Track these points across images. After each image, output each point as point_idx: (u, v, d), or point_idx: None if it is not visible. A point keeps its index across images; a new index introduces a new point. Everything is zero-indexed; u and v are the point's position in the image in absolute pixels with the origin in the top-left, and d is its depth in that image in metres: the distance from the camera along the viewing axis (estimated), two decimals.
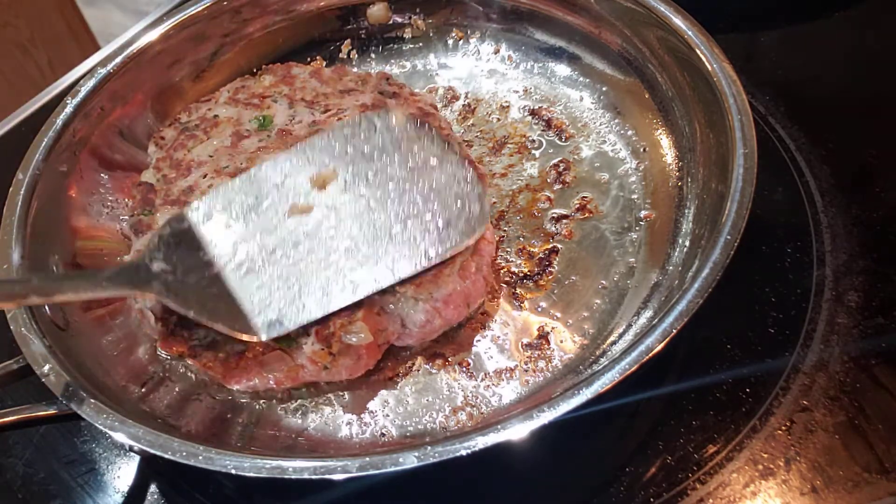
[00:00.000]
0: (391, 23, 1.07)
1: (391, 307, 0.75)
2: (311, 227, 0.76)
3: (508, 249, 0.85)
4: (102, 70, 0.92)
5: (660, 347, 0.62)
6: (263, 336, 0.71)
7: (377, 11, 1.06)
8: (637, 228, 0.85)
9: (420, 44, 1.07)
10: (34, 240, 0.79)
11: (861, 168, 0.92)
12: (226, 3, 0.99)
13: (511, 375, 0.76)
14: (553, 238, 0.86)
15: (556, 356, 0.77)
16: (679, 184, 0.86)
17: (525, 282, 0.83)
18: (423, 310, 0.75)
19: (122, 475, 0.78)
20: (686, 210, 0.83)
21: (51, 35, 1.99)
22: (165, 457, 0.61)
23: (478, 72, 1.04)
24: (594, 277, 0.82)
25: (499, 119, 0.99)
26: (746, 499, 0.68)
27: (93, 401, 0.65)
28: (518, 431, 0.59)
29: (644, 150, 0.91)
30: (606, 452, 0.74)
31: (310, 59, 1.06)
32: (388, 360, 0.78)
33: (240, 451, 0.61)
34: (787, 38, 1.08)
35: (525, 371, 0.76)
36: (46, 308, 0.73)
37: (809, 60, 1.05)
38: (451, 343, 0.79)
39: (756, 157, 0.73)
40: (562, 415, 0.59)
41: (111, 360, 0.76)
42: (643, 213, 0.86)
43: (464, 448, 0.59)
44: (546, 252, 0.85)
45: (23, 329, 0.70)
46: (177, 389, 0.78)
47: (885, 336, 0.77)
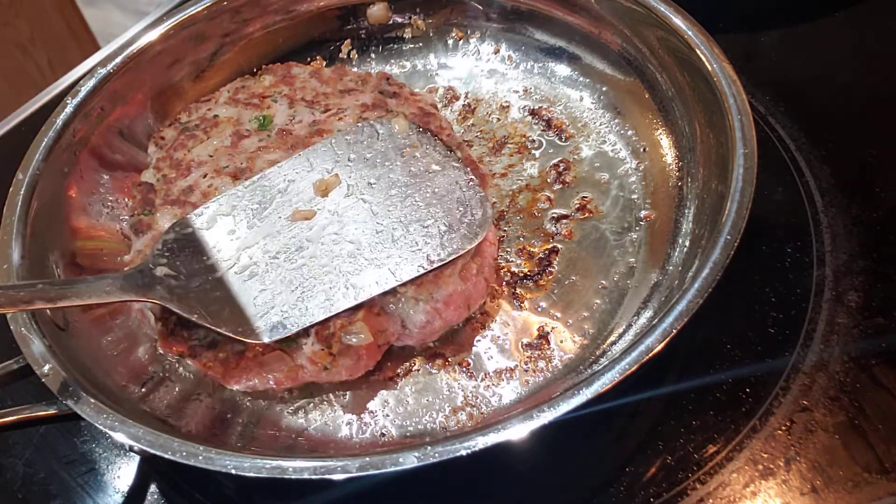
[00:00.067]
0: (391, 23, 1.07)
1: (391, 308, 0.75)
2: (314, 232, 0.77)
3: (508, 249, 0.85)
4: (102, 70, 0.92)
5: (660, 347, 0.62)
6: (266, 339, 0.72)
7: (377, 11, 1.06)
8: (637, 228, 0.85)
9: (420, 44, 1.07)
10: (34, 240, 0.79)
11: (861, 168, 0.92)
12: (226, 3, 0.99)
13: (511, 375, 0.76)
14: (553, 238, 0.86)
15: (556, 356, 0.77)
16: (679, 184, 0.85)
17: (525, 282, 0.83)
18: (424, 310, 0.75)
19: (122, 475, 0.78)
20: (686, 210, 0.83)
21: (51, 35, 1.99)
22: (165, 457, 0.61)
23: (478, 72, 1.04)
24: (594, 277, 0.82)
25: (499, 119, 0.99)
26: (746, 499, 0.68)
27: (93, 401, 0.65)
28: (518, 431, 0.59)
29: (644, 150, 0.91)
30: (606, 452, 0.74)
31: (310, 59, 1.06)
32: (388, 361, 0.78)
33: (240, 451, 0.61)
34: (787, 38, 1.08)
35: (525, 371, 0.76)
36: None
37: (809, 60, 1.05)
38: (451, 343, 0.79)
39: (756, 157, 0.73)
40: (562, 415, 0.59)
41: (111, 360, 0.77)
42: (643, 213, 0.86)
43: (464, 448, 0.59)
44: (546, 252, 0.85)
45: (23, 329, 0.70)
46: (177, 389, 0.78)
47: (885, 336, 0.77)
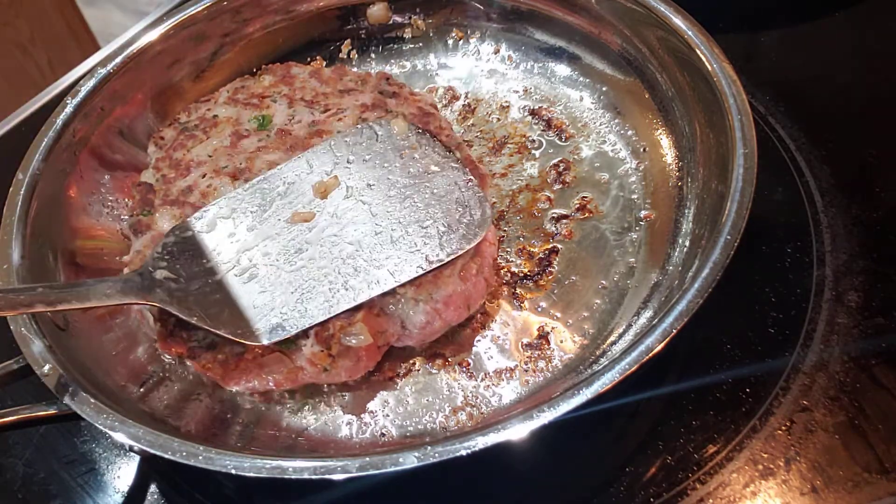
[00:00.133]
0: (391, 23, 1.07)
1: (391, 309, 0.75)
2: (314, 234, 0.77)
3: (508, 249, 0.85)
4: (102, 70, 0.92)
5: (660, 347, 0.62)
6: (265, 341, 0.72)
7: (377, 11, 1.06)
8: (637, 228, 0.85)
9: (420, 44, 1.07)
10: (34, 240, 0.79)
11: (861, 168, 0.92)
12: (226, 3, 0.99)
13: (511, 375, 0.76)
14: (553, 238, 0.86)
15: (556, 356, 0.77)
16: (679, 184, 0.85)
17: (525, 282, 0.83)
18: (424, 311, 0.75)
19: (122, 475, 0.78)
20: (686, 210, 0.83)
21: (51, 35, 1.99)
22: (165, 457, 0.61)
23: (478, 72, 1.04)
24: (594, 277, 0.82)
25: (499, 119, 0.99)
26: (746, 499, 0.68)
27: (93, 401, 0.65)
28: (518, 431, 0.59)
29: (644, 150, 0.91)
30: (606, 452, 0.74)
31: (310, 59, 1.06)
32: (388, 361, 0.78)
33: (240, 451, 0.61)
34: (787, 38, 1.08)
35: (525, 371, 0.76)
36: None
37: (809, 60, 1.05)
38: (452, 343, 0.79)
39: (756, 157, 0.73)
40: (562, 415, 0.59)
41: (111, 360, 0.76)
42: (643, 213, 0.86)
43: (464, 448, 0.59)
44: (546, 252, 0.85)
45: (23, 329, 0.70)
46: (176, 389, 0.78)
47: (885, 336, 0.77)
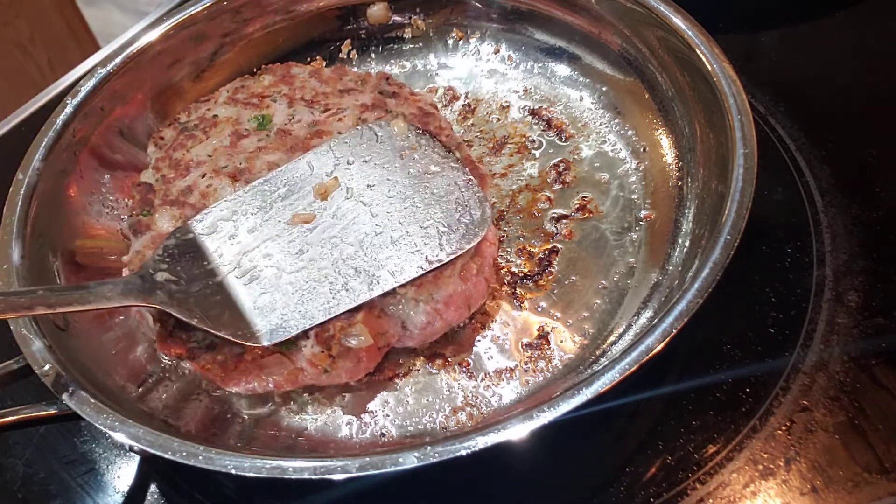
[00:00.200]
0: (391, 23, 1.07)
1: (392, 309, 0.75)
2: (314, 235, 0.77)
3: (508, 249, 0.85)
4: (102, 70, 0.92)
5: (660, 347, 0.62)
6: (265, 342, 0.72)
7: (377, 11, 1.06)
8: (637, 228, 0.85)
9: (420, 44, 1.07)
10: (34, 240, 0.79)
11: (861, 168, 0.92)
12: (226, 3, 0.99)
13: (511, 375, 0.76)
14: (553, 238, 0.86)
15: (556, 356, 0.77)
16: (679, 184, 0.85)
17: (525, 282, 0.83)
18: (424, 311, 0.74)
19: (122, 475, 0.78)
20: (686, 210, 0.82)
21: (51, 35, 1.99)
22: (165, 457, 0.61)
23: (478, 72, 1.04)
24: (594, 277, 0.82)
25: (499, 119, 0.99)
26: (746, 499, 0.68)
27: (93, 401, 0.65)
28: (518, 431, 0.59)
29: (644, 150, 0.91)
30: (606, 452, 0.74)
31: (310, 59, 1.06)
32: (388, 361, 0.78)
33: (240, 451, 0.61)
34: (787, 38, 1.08)
35: (525, 371, 0.76)
36: None
37: (809, 60, 1.05)
38: (452, 343, 0.79)
39: (756, 157, 0.73)
40: (562, 415, 0.59)
41: (111, 360, 0.76)
42: (643, 213, 0.86)
43: (464, 448, 0.59)
44: (546, 252, 0.85)
45: (23, 329, 0.70)
46: (176, 389, 0.78)
47: (885, 336, 0.77)
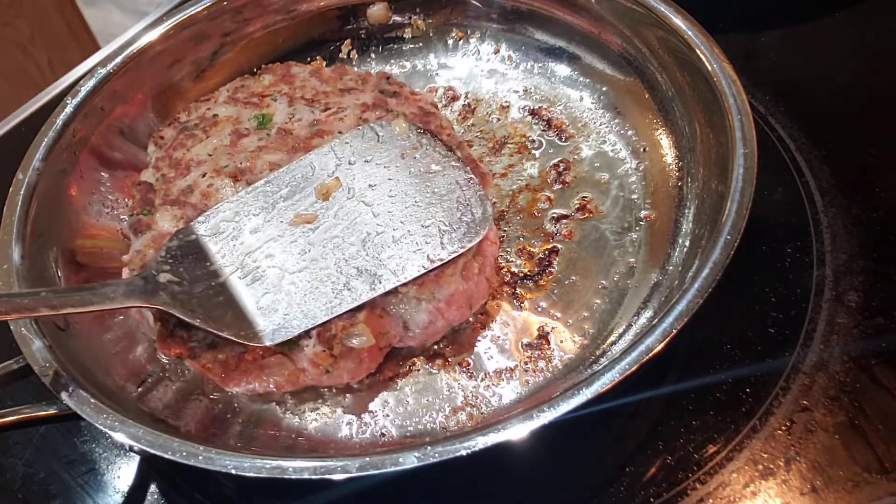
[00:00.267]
0: (391, 23, 1.07)
1: (393, 309, 0.75)
2: (316, 236, 0.77)
3: (508, 249, 0.85)
4: (102, 70, 0.92)
5: (660, 347, 0.62)
6: (268, 342, 0.72)
7: (377, 11, 1.06)
8: (637, 228, 0.85)
9: (420, 44, 1.07)
10: (34, 240, 0.79)
11: (861, 168, 0.92)
12: (226, 3, 0.99)
13: (511, 375, 0.76)
14: (553, 238, 0.86)
15: (556, 356, 0.77)
16: (679, 184, 0.85)
17: (525, 282, 0.83)
18: (426, 310, 0.74)
19: (122, 475, 0.78)
20: (686, 210, 0.82)
21: (51, 35, 1.99)
22: (165, 457, 0.61)
23: (478, 72, 1.04)
24: (594, 277, 0.82)
25: (499, 119, 0.99)
26: (746, 499, 0.68)
27: (93, 401, 0.65)
28: (518, 431, 0.59)
29: (644, 150, 0.91)
30: (606, 452, 0.74)
31: (310, 59, 1.06)
32: (389, 361, 0.78)
33: (240, 451, 0.61)
34: (787, 38, 1.08)
35: (525, 371, 0.76)
36: None
37: (809, 60, 1.05)
38: (452, 343, 0.79)
39: (756, 157, 0.73)
40: (562, 415, 0.59)
41: (111, 360, 0.76)
42: (643, 213, 0.86)
43: (464, 448, 0.59)
44: (546, 252, 0.85)
45: (23, 329, 0.70)
46: (176, 389, 0.78)
47: (885, 336, 0.77)
